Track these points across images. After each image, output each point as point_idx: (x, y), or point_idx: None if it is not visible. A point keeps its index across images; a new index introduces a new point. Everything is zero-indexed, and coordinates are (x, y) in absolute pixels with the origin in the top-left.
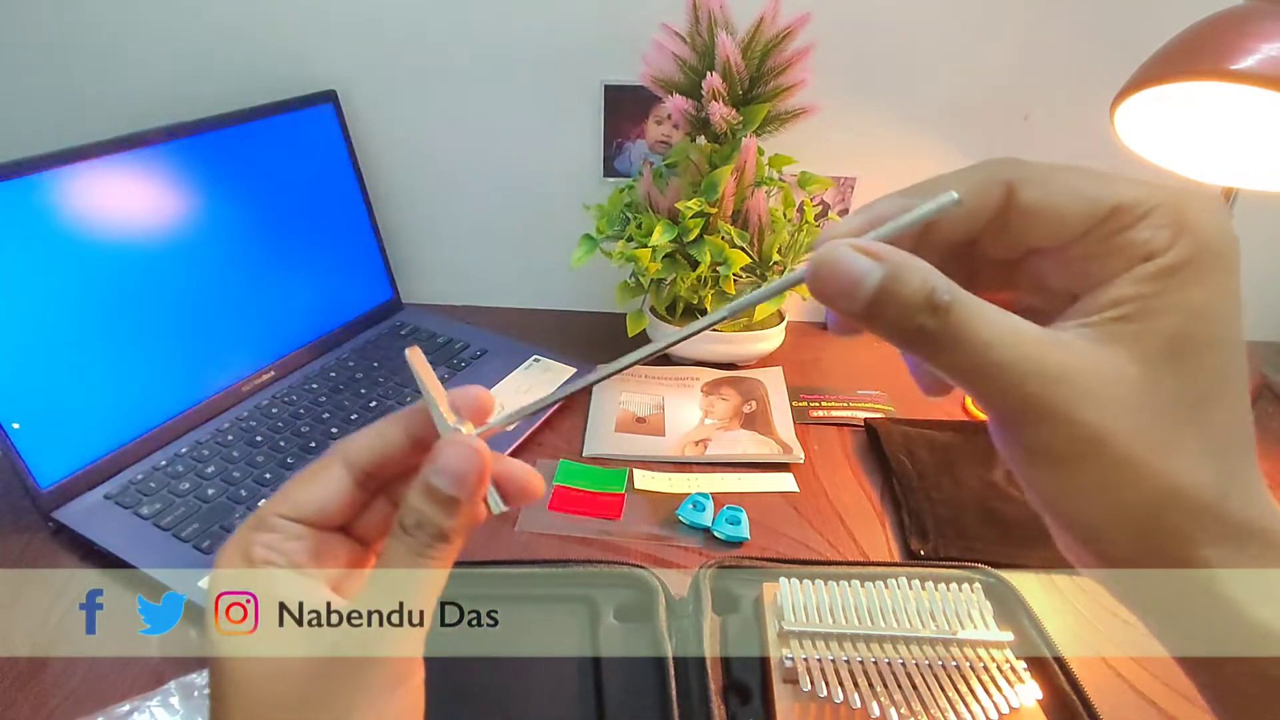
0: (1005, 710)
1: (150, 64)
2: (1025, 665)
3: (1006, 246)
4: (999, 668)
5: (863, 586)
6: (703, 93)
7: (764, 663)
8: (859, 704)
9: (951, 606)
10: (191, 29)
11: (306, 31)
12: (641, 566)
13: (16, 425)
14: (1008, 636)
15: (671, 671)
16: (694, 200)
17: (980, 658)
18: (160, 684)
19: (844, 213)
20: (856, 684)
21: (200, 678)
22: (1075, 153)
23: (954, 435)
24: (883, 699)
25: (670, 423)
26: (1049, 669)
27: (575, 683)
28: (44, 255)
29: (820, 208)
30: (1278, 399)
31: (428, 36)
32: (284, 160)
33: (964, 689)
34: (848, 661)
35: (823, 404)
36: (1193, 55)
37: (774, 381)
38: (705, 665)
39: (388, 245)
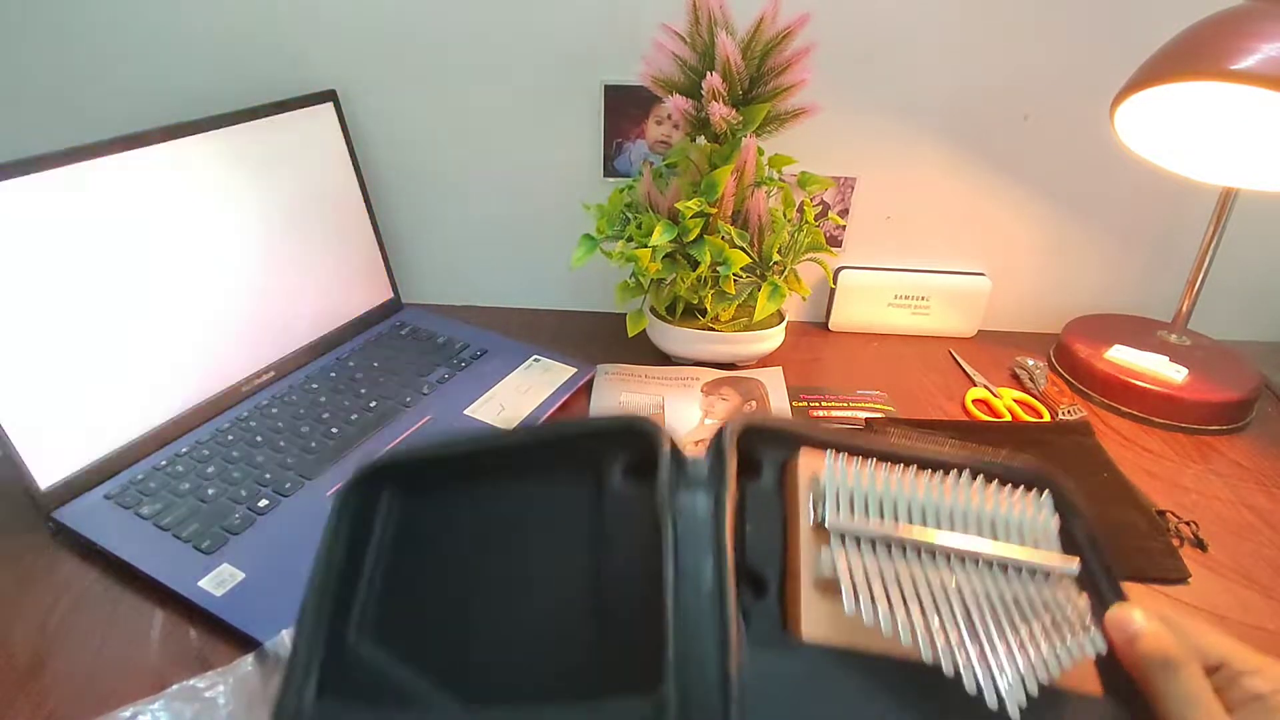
0: (1066, 663)
1: (150, 64)
2: (1088, 607)
3: None
4: (1061, 605)
5: (918, 475)
6: (703, 93)
7: (787, 553)
8: (909, 638)
9: (1016, 517)
10: (192, 29)
11: (306, 31)
12: (650, 421)
13: (16, 425)
14: (1072, 568)
15: (671, 547)
16: (694, 200)
17: (1041, 591)
18: (162, 687)
19: (844, 213)
20: (909, 609)
21: (202, 681)
22: (1075, 152)
23: (954, 435)
24: (934, 627)
25: (670, 423)
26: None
27: (575, 555)
28: (44, 255)
29: (820, 208)
30: (1278, 399)
31: (428, 36)
32: (284, 161)
33: (1024, 632)
34: (896, 578)
35: (823, 404)
36: (1193, 55)
37: (774, 381)
38: (717, 543)
39: (388, 245)
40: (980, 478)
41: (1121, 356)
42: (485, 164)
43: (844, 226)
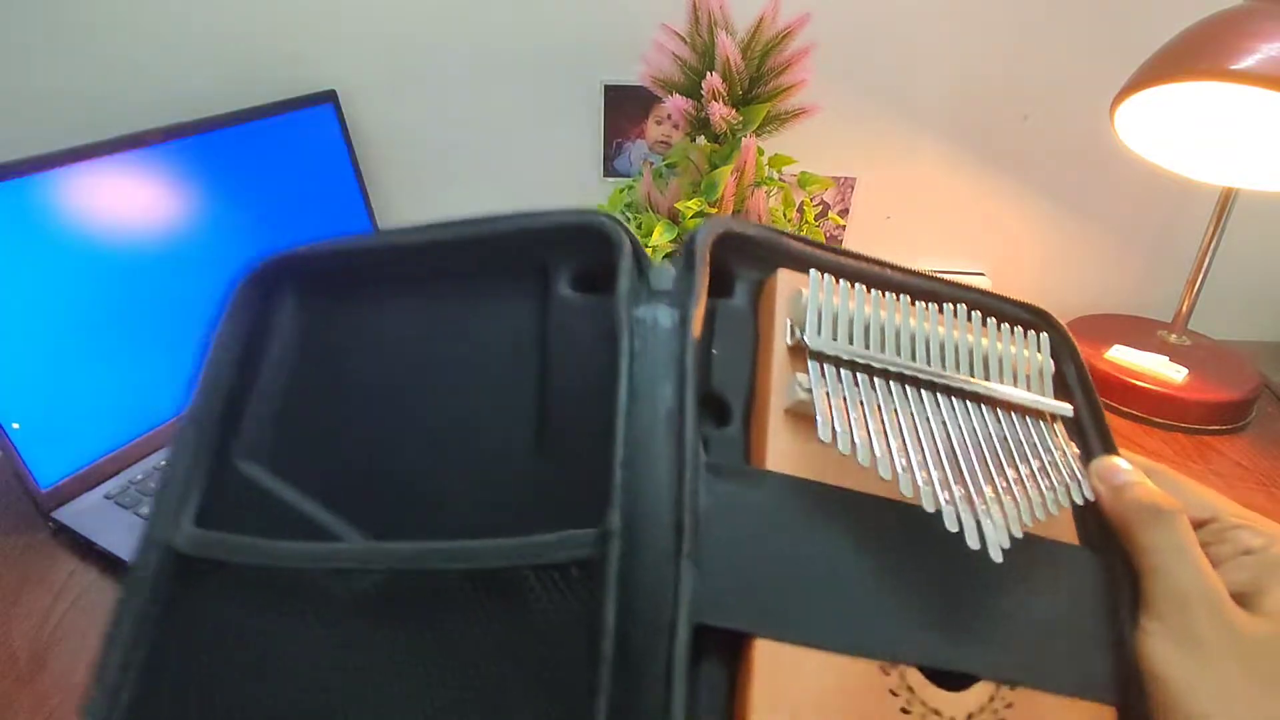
0: (1053, 510)
1: (150, 64)
2: (1078, 455)
3: None
4: (1051, 450)
5: (911, 305)
6: (703, 93)
7: (756, 378)
8: (888, 471)
9: (1011, 356)
10: (191, 29)
11: (306, 31)
12: (609, 218)
13: (16, 425)
14: (1065, 409)
15: (626, 364)
16: (694, 200)
17: (1031, 434)
18: None
19: (844, 213)
20: (889, 441)
21: None
22: (1075, 152)
23: None
24: (915, 461)
25: None
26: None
27: (512, 372)
28: (44, 255)
29: (820, 208)
30: (1278, 399)
31: (428, 37)
32: (284, 160)
33: (1012, 475)
34: (879, 408)
35: None
36: (1193, 55)
37: None
38: (680, 362)
39: None
40: (977, 314)
41: (1121, 356)
42: (485, 164)
43: (844, 226)
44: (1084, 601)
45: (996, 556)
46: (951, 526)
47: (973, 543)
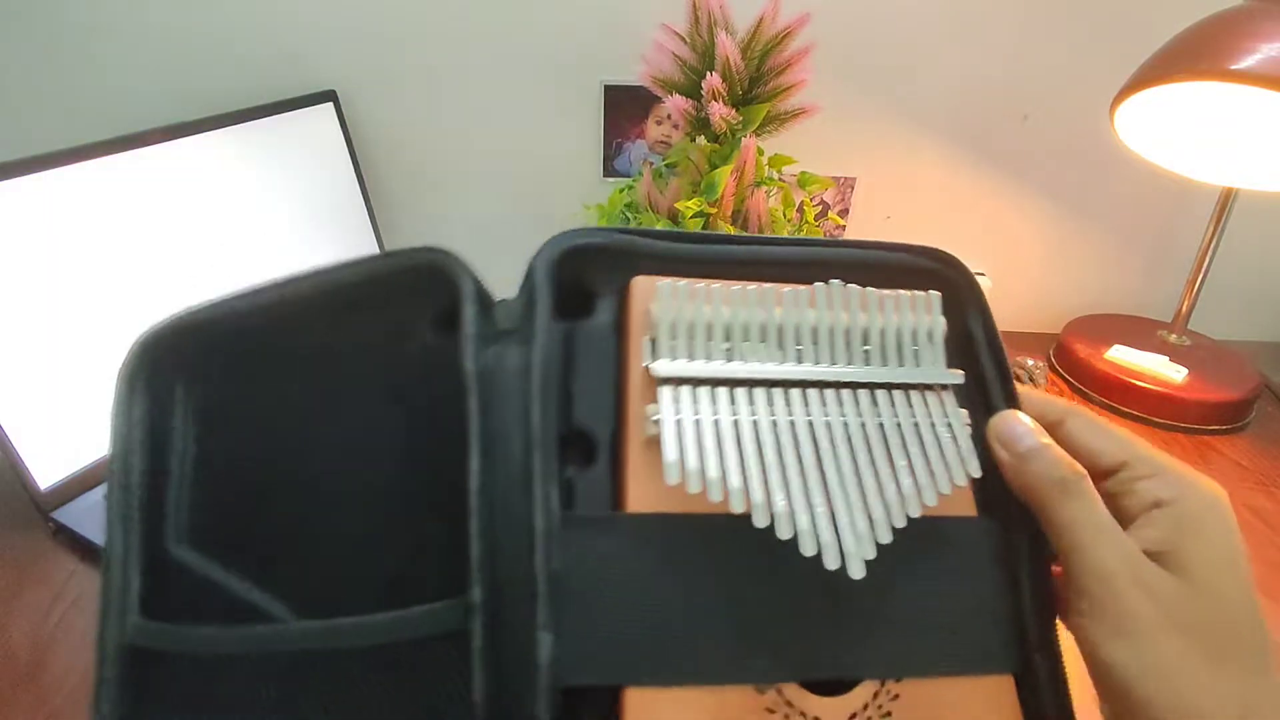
0: (930, 500)
1: (150, 64)
2: (969, 424)
3: None
4: (936, 427)
5: (781, 291)
6: (703, 93)
7: (619, 406)
8: (741, 504)
9: (895, 324)
10: (191, 29)
11: (306, 31)
12: (446, 255)
13: (16, 425)
14: (956, 377)
15: (475, 421)
16: (694, 200)
17: (915, 413)
18: None
19: (844, 213)
20: (745, 466)
21: None
22: (1075, 152)
23: None
24: (774, 483)
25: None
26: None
27: (386, 430)
28: (45, 255)
29: (820, 208)
30: (1278, 399)
31: (428, 36)
32: (284, 161)
33: (885, 471)
34: (735, 428)
35: None
36: (1193, 55)
37: None
38: (525, 411)
39: (387, 245)
40: (854, 286)
41: (1121, 356)
42: (485, 164)
43: (844, 226)
44: (976, 574)
45: (857, 573)
46: (808, 551)
47: (831, 564)
